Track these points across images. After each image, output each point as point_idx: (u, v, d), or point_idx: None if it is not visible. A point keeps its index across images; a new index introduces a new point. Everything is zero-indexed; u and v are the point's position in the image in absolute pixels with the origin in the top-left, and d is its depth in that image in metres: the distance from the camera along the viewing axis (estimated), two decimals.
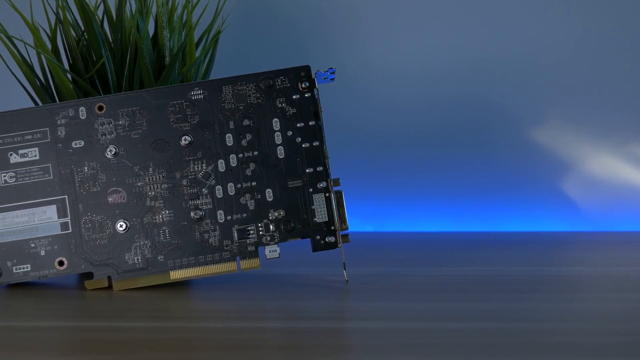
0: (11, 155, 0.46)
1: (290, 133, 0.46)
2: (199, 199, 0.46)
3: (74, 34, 0.54)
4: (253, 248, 0.46)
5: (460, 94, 0.77)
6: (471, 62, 0.77)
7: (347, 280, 0.47)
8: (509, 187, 0.78)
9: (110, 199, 0.46)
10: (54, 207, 0.46)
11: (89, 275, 0.46)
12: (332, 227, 0.46)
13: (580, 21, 0.76)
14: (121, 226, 0.46)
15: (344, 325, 0.38)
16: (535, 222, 0.78)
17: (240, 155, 0.46)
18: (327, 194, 0.46)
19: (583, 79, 0.77)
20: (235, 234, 0.46)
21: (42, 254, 0.46)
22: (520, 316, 0.39)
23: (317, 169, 0.46)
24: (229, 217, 0.46)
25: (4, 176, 0.46)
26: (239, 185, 0.46)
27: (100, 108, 0.46)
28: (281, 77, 0.47)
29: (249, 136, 0.46)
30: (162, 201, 0.46)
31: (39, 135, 0.46)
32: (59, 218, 0.46)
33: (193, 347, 0.33)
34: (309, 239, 0.46)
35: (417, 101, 0.77)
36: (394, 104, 0.78)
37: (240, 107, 0.46)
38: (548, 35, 0.76)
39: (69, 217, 0.46)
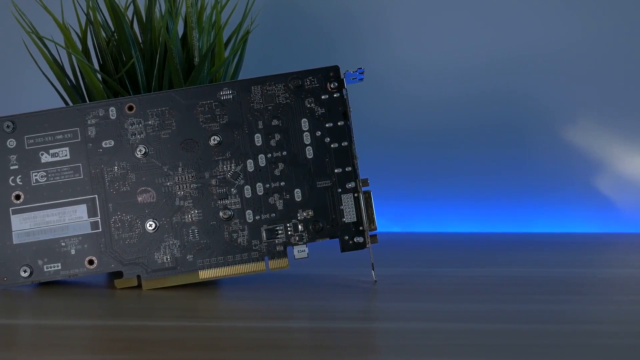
0: (42, 154, 0.47)
1: (319, 133, 0.46)
2: (227, 198, 0.46)
3: (104, 35, 0.54)
4: (282, 248, 0.46)
5: (490, 93, 0.77)
6: (501, 60, 0.76)
7: (375, 281, 0.47)
8: (540, 187, 0.77)
9: (139, 199, 0.46)
10: (84, 207, 0.46)
11: (118, 274, 0.47)
12: (361, 228, 0.46)
13: (613, 20, 0.75)
14: (150, 225, 0.46)
15: (372, 325, 0.38)
16: (566, 223, 0.77)
17: (269, 155, 0.46)
18: (355, 194, 0.46)
19: (616, 78, 0.76)
20: (264, 234, 0.46)
21: (72, 253, 0.46)
22: (552, 318, 0.38)
23: (346, 169, 0.46)
24: (257, 217, 0.46)
25: (35, 175, 0.46)
26: (268, 185, 0.46)
27: (130, 108, 0.47)
28: (310, 78, 0.47)
29: (277, 136, 0.46)
30: (191, 201, 0.46)
31: (69, 135, 0.47)
32: (89, 217, 0.46)
33: (222, 346, 0.33)
34: (337, 239, 0.46)
35: (445, 100, 0.77)
36: (423, 103, 0.77)
37: (269, 107, 0.46)
38: (580, 34, 0.76)
39: (99, 217, 0.46)
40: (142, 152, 0.46)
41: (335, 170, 0.46)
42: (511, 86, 0.76)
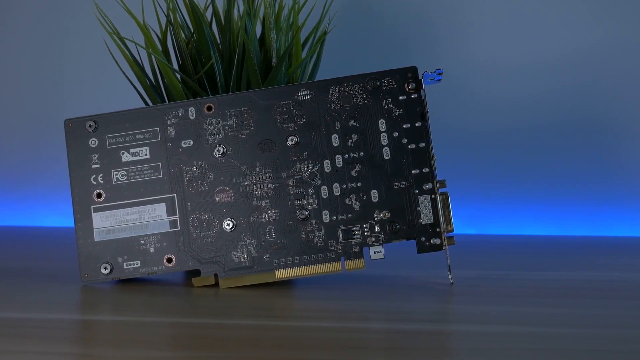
0: (123, 154, 0.47)
1: (396, 134, 0.46)
2: (304, 199, 0.46)
3: (184, 36, 0.55)
4: (358, 249, 0.46)
5: (571, 88, 0.76)
6: (583, 52, 0.75)
7: (452, 283, 0.47)
8: (620, 191, 0.76)
9: (217, 198, 0.47)
10: (163, 205, 0.47)
11: (196, 273, 0.47)
12: (438, 229, 0.45)
13: None
14: (228, 225, 0.46)
15: (448, 328, 0.38)
16: None
17: (346, 156, 0.46)
18: (433, 196, 0.46)
19: None
20: (340, 235, 0.46)
21: (151, 251, 0.47)
22: (632, 324, 0.38)
23: (423, 170, 0.46)
24: (334, 218, 0.46)
25: (116, 174, 0.47)
26: (345, 186, 0.46)
27: (209, 108, 0.47)
28: (388, 78, 0.46)
29: (355, 137, 0.46)
30: (268, 201, 0.46)
31: (149, 134, 0.47)
32: (168, 216, 0.47)
33: (298, 346, 0.33)
34: (413, 241, 0.46)
35: (524, 98, 0.76)
36: (500, 103, 0.77)
37: (347, 108, 0.46)
38: None
39: (178, 215, 0.47)
40: (221, 152, 0.47)
41: (413, 172, 0.46)
42: (594, 80, 0.75)
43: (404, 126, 0.46)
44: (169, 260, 0.47)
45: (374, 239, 0.46)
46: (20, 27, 0.88)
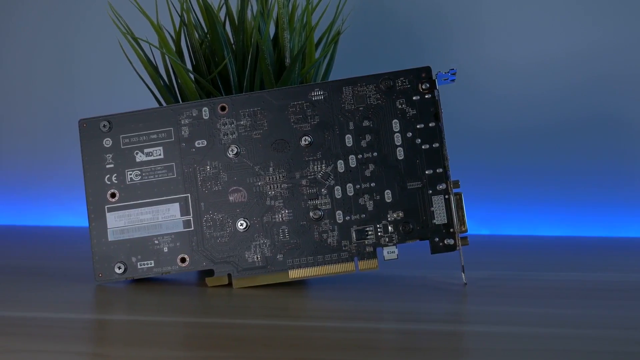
0: (137, 153, 0.48)
1: (410, 134, 0.46)
2: (318, 199, 0.46)
3: (198, 36, 0.55)
4: (371, 249, 0.46)
5: (584, 88, 0.75)
6: (595, 54, 0.75)
7: (465, 283, 0.47)
8: (636, 191, 0.75)
9: (231, 198, 0.47)
10: (177, 205, 0.47)
11: (209, 273, 0.47)
12: (451, 230, 0.45)
13: None
14: (242, 225, 0.46)
15: (461, 328, 0.38)
16: None
17: (360, 156, 0.46)
18: (446, 196, 0.45)
19: None
20: (354, 235, 0.46)
21: (165, 251, 0.47)
22: None
23: (437, 170, 0.46)
24: (347, 218, 0.46)
25: (130, 174, 0.47)
26: (358, 186, 0.46)
27: (223, 108, 0.47)
28: (401, 78, 0.46)
29: (368, 137, 0.46)
30: (281, 201, 0.46)
31: (163, 134, 0.47)
32: (181, 216, 0.47)
33: (311, 346, 0.33)
34: (427, 241, 0.46)
35: (537, 97, 0.76)
36: (514, 104, 0.76)
37: (360, 108, 0.46)
38: None
39: (191, 215, 0.47)
40: (234, 152, 0.47)
41: (426, 172, 0.46)
42: (611, 78, 0.75)
43: (418, 126, 0.46)
44: (183, 260, 0.47)
45: (387, 240, 0.46)
46: (34, 27, 0.88)
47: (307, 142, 0.46)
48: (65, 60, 0.87)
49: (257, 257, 0.46)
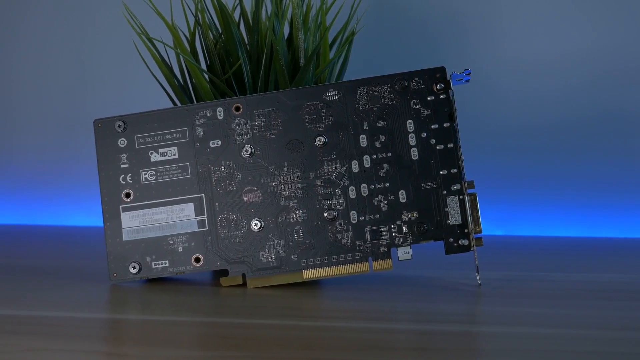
0: (152, 153, 0.48)
1: (424, 134, 0.46)
2: (332, 199, 0.46)
3: (212, 36, 0.55)
4: (385, 249, 0.46)
5: (600, 89, 0.75)
6: (611, 53, 0.75)
7: (479, 284, 0.47)
8: None
9: (245, 198, 0.47)
10: (191, 205, 0.47)
11: (224, 273, 0.47)
12: (466, 230, 0.45)
13: None
14: (256, 225, 0.46)
15: (476, 329, 0.38)
16: None
17: (374, 157, 0.46)
18: (461, 197, 0.45)
19: None
20: (368, 235, 0.46)
21: (179, 251, 0.47)
22: None
23: (452, 171, 0.46)
24: (361, 218, 0.46)
25: (145, 174, 0.48)
26: (372, 186, 0.46)
27: (237, 109, 0.47)
28: (416, 79, 0.46)
29: (382, 137, 0.46)
30: (296, 201, 0.46)
31: (178, 134, 0.48)
32: (196, 216, 0.47)
33: (325, 346, 0.33)
34: (441, 242, 0.45)
35: (552, 99, 0.76)
36: (529, 105, 0.76)
37: (375, 109, 0.46)
38: None
39: (206, 215, 0.47)
40: (249, 152, 0.47)
41: (441, 172, 0.46)
42: (628, 77, 0.74)
43: (432, 127, 0.46)
44: (197, 259, 0.47)
45: (401, 240, 0.46)
46: (48, 27, 0.88)
47: (321, 143, 0.46)
48: (79, 60, 0.88)
49: (272, 257, 0.46)
